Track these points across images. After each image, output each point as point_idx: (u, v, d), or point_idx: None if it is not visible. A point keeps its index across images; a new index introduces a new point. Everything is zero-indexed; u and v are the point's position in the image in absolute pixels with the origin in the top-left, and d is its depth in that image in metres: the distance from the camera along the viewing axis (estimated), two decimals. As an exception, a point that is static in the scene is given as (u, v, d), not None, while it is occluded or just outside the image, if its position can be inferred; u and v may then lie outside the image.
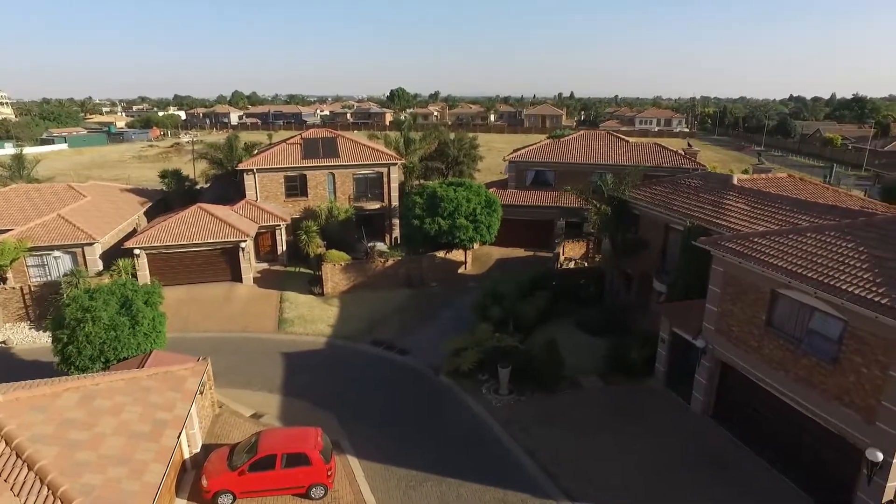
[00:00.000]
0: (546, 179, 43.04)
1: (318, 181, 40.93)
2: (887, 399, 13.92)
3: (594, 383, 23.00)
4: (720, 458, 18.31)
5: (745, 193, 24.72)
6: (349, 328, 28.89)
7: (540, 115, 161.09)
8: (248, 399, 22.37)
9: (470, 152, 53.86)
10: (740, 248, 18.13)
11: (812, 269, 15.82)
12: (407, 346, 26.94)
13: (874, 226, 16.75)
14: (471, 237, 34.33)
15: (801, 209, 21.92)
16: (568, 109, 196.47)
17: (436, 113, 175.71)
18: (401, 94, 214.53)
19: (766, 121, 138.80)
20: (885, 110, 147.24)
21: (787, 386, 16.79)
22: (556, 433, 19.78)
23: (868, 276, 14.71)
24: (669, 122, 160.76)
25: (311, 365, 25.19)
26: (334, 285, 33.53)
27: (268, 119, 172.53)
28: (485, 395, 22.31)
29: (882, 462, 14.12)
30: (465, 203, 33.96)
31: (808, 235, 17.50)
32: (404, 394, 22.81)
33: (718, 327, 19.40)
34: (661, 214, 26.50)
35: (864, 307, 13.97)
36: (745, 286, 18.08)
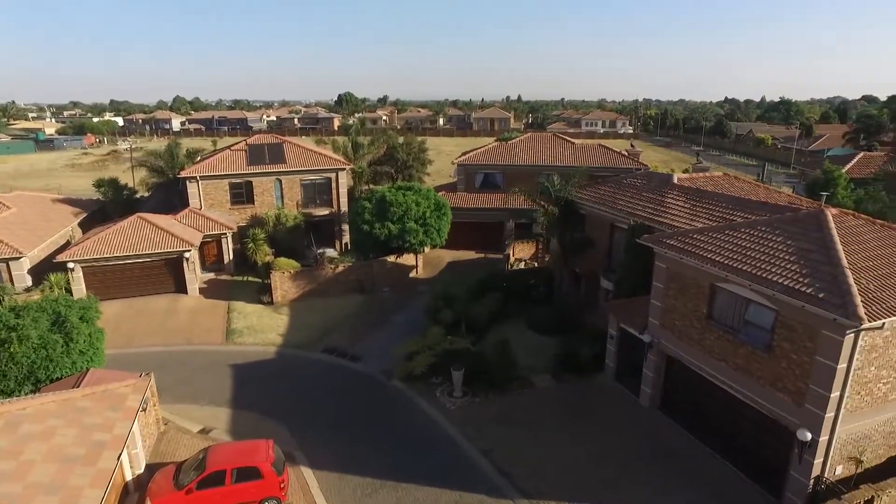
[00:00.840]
0: (495, 182, 43.48)
1: (264, 188, 40.07)
2: (814, 382, 14.76)
3: (546, 382, 23.36)
4: (669, 448, 18.91)
5: (685, 192, 25.68)
6: (300, 336, 28.36)
7: (488, 119, 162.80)
8: (195, 414, 21.61)
9: (419, 156, 53.93)
10: (681, 245, 18.80)
11: (746, 262, 16.58)
12: (359, 352, 26.66)
13: (799, 220, 17.71)
14: (421, 241, 34.32)
15: (735, 206, 22.93)
16: (516, 112, 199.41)
17: (385, 117, 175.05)
18: (349, 99, 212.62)
19: (704, 122, 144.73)
20: (808, 112, 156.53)
21: (727, 375, 17.52)
22: (510, 432, 19.98)
23: (795, 267, 15.55)
24: (614, 123, 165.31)
25: (261, 376, 24.58)
26: (284, 293, 32.86)
27: (212, 125, 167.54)
28: (439, 398, 22.31)
29: (810, 441, 14.95)
30: (415, 207, 33.94)
31: (742, 231, 18.34)
32: (357, 401, 22.55)
33: (663, 322, 20.06)
34: (606, 214, 27.19)
35: (792, 297, 14.76)
36: (687, 281, 18.76)
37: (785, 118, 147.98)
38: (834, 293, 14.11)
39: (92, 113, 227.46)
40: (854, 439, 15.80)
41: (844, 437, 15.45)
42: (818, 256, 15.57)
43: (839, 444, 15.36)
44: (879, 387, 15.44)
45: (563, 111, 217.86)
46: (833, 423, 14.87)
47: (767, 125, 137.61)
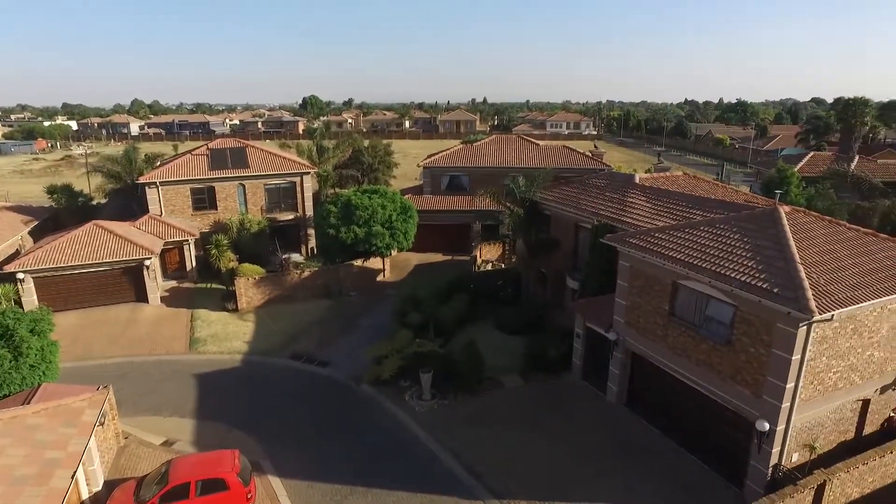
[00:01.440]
0: (461, 184, 43.65)
1: (227, 193, 39.33)
2: (771, 374, 15.24)
3: (515, 381, 23.51)
4: (635, 443, 19.25)
5: (647, 191, 26.22)
6: (266, 343, 27.89)
7: (454, 121, 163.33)
8: (158, 426, 21.02)
9: (385, 159, 53.72)
10: (643, 244, 19.18)
11: (706, 260, 17.02)
12: (327, 357, 26.37)
13: (755, 218, 18.28)
14: (388, 244, 34.18)
15: (695, 205, 23.53)
16: (482, 115, 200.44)
17: (350, 120, 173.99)
18: (314, 102, 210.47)
19: (665, 123, 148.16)
20: (763, 114, 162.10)
21: (689, 370, 17.93)
22: (480, 433, 20.03)
23: (751, 263, 16.03)
24: (578, 125, 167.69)
25: (226, 384, 24.08)
26: (249, 300, 32.28)
27: (172, 129, 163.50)
28: (408, 401, 22.23)
29: (768, 431, 15.44)
30: (381, 210, 33.79)
31: (701, 229, 18.81)
32: (326, 406, 22.29)
33: (628, 319, 20.41)
34: (570, 214, 27.54)
35: (749, 292, 15.21)
36: (650, 279, 19.14)
37: (742, 119, 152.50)
38: (788, 288, 14.60)
39: (43, 116, 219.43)
40: (808, 427, 16.37)
41: (799, 426, 15.99)
42: (773, 253, 16.09)
43: (795, 432, 15.90)
44: (830, 376, 16.04)
45: (529, 113, 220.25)
46: (789, 412, 15.38)
47: (725, 126, 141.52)
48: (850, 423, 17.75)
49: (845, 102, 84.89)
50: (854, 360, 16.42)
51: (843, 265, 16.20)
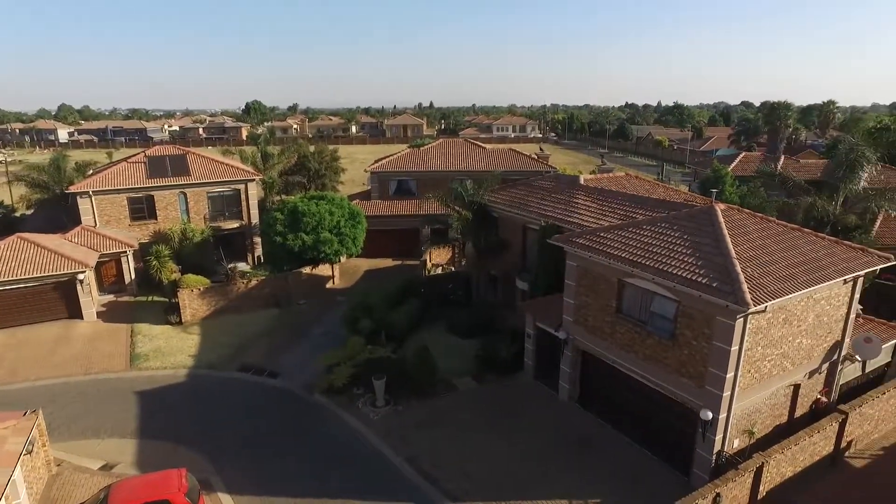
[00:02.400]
0: (409, 188, 43.58)
1: (167, 202, 37.87)
2: (712, 365, 15.89)
3: (468, 384, 23.61)
4: (587, 439, 19.67)
5: (592, 192, 26.90)
6: (213, 356, 26.96)
7: (401, 126, 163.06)
8: (96, 450, 19.93)
9: (332, 165, 53.16)
10: (589, 244, 19.63)
11: (649, 257, 17.58)
12: (277, 368, 25.74)
13: (693, 216, 19.04)
14: (337, 251, 33.75)
15: (638, 204, 24.31)
16: (428, 119, 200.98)
17: (295, 126, 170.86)
18: (257, 108, 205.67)
19: (607, 126, 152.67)
20: (698, 116, 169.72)
21: (637, 365, 18.46)
22: (435, 437, 19.99)
23: (692, 260, 16.68)
24: (524, 128, 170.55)
25: (171, 401, 23.12)
26: (194, 312, 31.15)
27: (106, 135, 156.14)
28: (361, 408, 21.96)
29: (711, 419, 16.09)
30: (329, 216, 33.34)
31: (644, 228, 19.43)
32: (277, 418, 21.73)
33: (577, 318, 20.84)
34: (518, 216, 27.93)
35: (690, 287, 15.81)
36: (596, 278, 19.61)
37: (679, 121, 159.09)
38: (725, 282, 15.27)
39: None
40: (747, 414, 17.18)
41: (739, 413, 16.74)
42: (711, 249, 16.79)
43: (735, 419, 16.63)
44: (765, 364, 16.88)
45: (475, 117, 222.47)
46: (730, 401, 16.07)
47: (664, 128, 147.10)
48: (783, 407, 18.74)
49: (771, 106, 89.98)
50: (786, 348, 17.35)
51: (774, 259, 17.07)
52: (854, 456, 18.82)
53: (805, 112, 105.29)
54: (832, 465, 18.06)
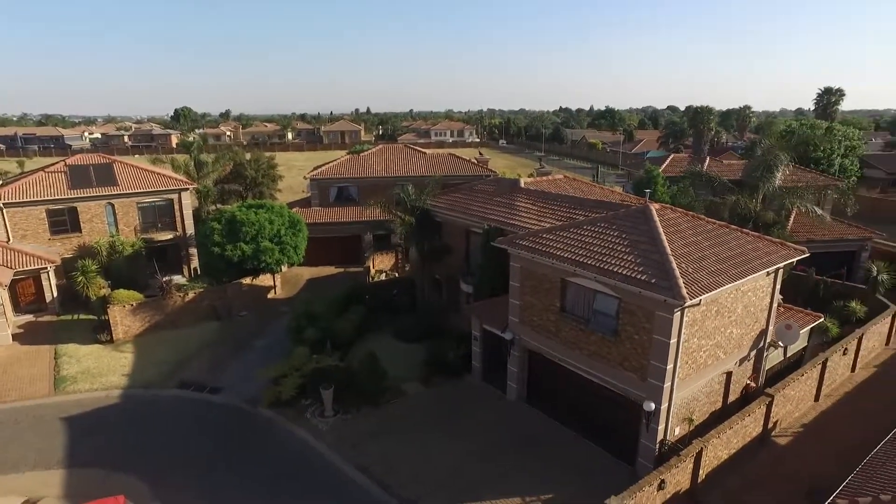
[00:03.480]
0: (350, 195, 43.18)
1: (93, 213, 35.81)
2: (653, 358, 16.59)
3: (417, 389, 23.58)
4: (537, 437, 20.05)
5: (532, 195, 27.49)
6: (149, 374, 25.68)
7: (339, 132, 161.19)
8: (15, 484, 18.32)
9: (269, 172, 51.87)
10: (532, 245, 20.07)
11: (590, 257, 18.16)
12: (220, 383, 24.82)
13: (630, 216, 19.82)
14: (278, 260, 32.96)
15: (576, 206, 25.03)
16: (366, 124, 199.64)
17: (228, 133, 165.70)
18: (187, 114, 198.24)
19: (543, 130, 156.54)
20: (629, 120, 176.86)
21: (582, 361, 19.01)
22: (386, 444, 19.86)
23: (630, 258, 17.37)
24: (462, 133, 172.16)
25: (103, 424, 21.83)
26: (126, 329, 29.58)
27: (15, 143, 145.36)
28: (310, 420, 21.52)
29: (654, 410, 16.79)
30: (268, 225, 32.54)
31: (584, 228, 20.05)
32: (222, 435, 20.96)
33: (522, 319, 21.23)
34: (461, 220, 28.19)
35: (630, 284, 16.45)
36: (540, 278, 20.06)
37: (611, 125, 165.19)
38: (663, 278, 15.98)
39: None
40: (686, 403, 18.04)
41: (679, 403, 17.56)
42: (648, 247, 17.53)
43: (676, 409, 17.43)
44: (701, 354, 17.80)
45: (413, 122, 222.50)
46: (671, 391, 16.83)
47: (597, 131, 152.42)
48: (717, 394, 19.80)
49: (695, 110, 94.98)
50: (719, 338, 18.35)
51: (705, 254, 18.02)
52: (779, 435, 20.13)
53: (725, 116, 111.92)
54: (761, 445, 19.24)
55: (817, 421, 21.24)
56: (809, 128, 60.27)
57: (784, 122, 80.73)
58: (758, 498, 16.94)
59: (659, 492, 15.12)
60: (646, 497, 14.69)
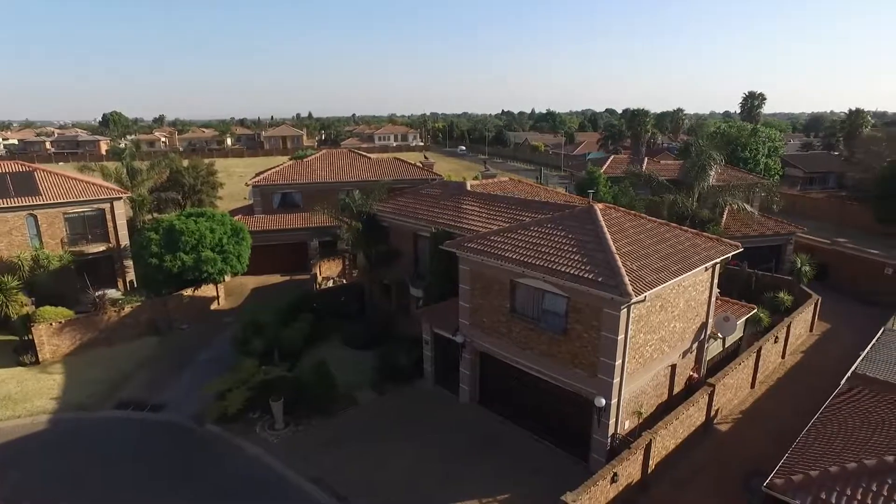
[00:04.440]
0: (294, 201, 42.32)
1: (11, 226, 33.43)
2: (602, 355, 16.98)
3: (369, 396, 23.28)
4: (491, 438, 20.13)
5: (478, 197, 27.68)
6: (83, 396, 24.16)
7: (280, 137, 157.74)
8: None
9: (208, 179, 50.27)
10: (480, 247, 20.18)
11: (538, 257, 18.40)
12: (161, 400, 23.68)
13: (575, 216, 20.25)
14: (220, 269, 31.87)
15: (523, 207, 25.38)
16: (308, 129, 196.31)
17: (163, 139, 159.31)
18: (117, 119, 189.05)
19: (486, 133, 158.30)
20: (569, 122, 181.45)
21: (534, 361, 19.23)
22: (339, 454, 19.47)
23: (577, 257, 17.72)
24: (406, 137, 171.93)
25: (28, 454, 20.25)
26: (54, 349, 27.81)
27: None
28: (260, 433, 20.85)
29: (605, 406, 17.18)
30: (210, 234, 31.42)
31: (531, 229, 20.32)
32: (165, 456, 19.95)
33: (473, 321, 21.30)
34: (408, 224, 28.06)
35: (578, 283, 16.78)
36: (489, 280, 20.19)
37: (552, 127, 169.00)
38: (609, 276, 16.38)
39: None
40: (635, 396, 18.55)
41: (628, 397, 18.03)
42: (594, 246, 17.94)
43: (625, 403, 17.89)
44: (647, 349, 18.36)
45: (356, 127, 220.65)
46: (620, 386, 17.26)
47: (539, 134, 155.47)
48: (664, 386, 20.49)
49: (632, 113, 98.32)
50: (664, 333, 18.99)
51: (648, 252, 18.62)
52: (721, 422, 21.05)
53: (660, 118, 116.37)
54: (705, 433, 20.05)
55: (754, 406, 22.35)
56: (737, 129, 63.49)
57: (714, 124, 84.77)
58: (703, 482, 17.66)
59: (612, 485, 15.47)
60: (600, 491, 14.99)
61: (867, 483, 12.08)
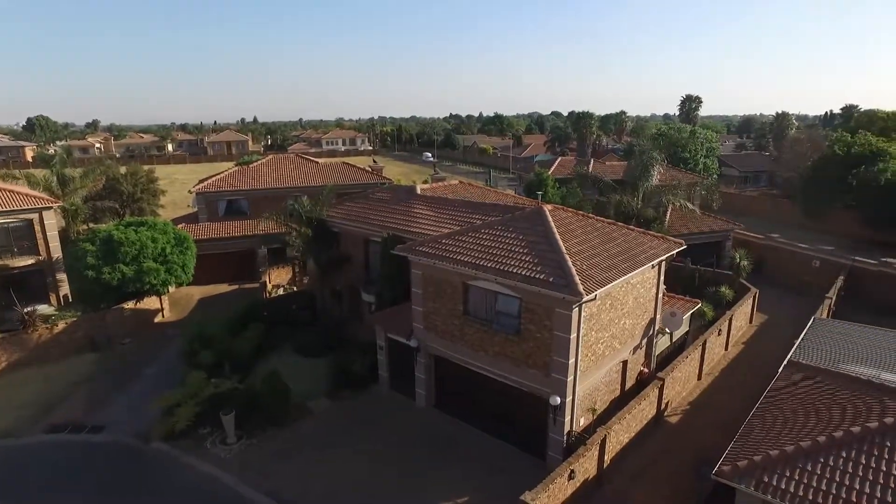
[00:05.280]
0: (240, 208, 41.22)
1: (-78, 239, 31.13)
2: (555, 354, 17.24)
3: (324, 404, 22.85)
4: (448, 441, 20.10)
5: (428, 201, 27.64)
6: (9, 421, 22.45)
7: (224, 142, 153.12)
8: None
9: (148, 187, 48.38)
10: (432, 251, 20.14)
11: (490, 259, 18.52)
12: (102, 420, 22.43)
13: (525, 218, 20.50)
14: (164, 280, 30.63)
15: (473, 210, 25.47)
16: (254, 134, 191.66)
17: (98, 145, 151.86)
18: (44, 124, 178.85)
19: (435, 136, 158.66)
20: (516, 125, 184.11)
21: (488, 363, 19.33)
22: (296, 465, 19.02)
23: (528, 258, 17.93)
24: (354, 141, 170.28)
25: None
26: (-21, 370, 26.00)
27: None
28: (211, 449, 20.11)
29: (560, 404, 17.43)
30: (152, 244, 30.17)
31: (482, 231, 20.44)
32: (106, 481, 18.89)
33: (426, 325, 21.22)
34: (358, 229, 27.71)
35: (530, 284, 16.98)
36: (442, 283, 20.17)
37: (500, 130, 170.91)
38: (560, 276, 16.65)
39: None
40: (588, 394, 18.93)
41: (582, 394, 18.37)
42: (544, 247, 18.20)
43: (579, 400, 18.22)
44: (599, 347, 18.77)
45: (303, 131, 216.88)
46: (574, 384, 17.56)
47: (488, 137, 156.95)
48: (616, 382, 21.00)
49: (577, 115, 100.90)
50: (614, 330, 19.46)
51: (597, 251, 19.05)
52: (671, 414, 21.75)
53: (604, 120, 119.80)
54: (657, 425, 20.66)
55: (701, 397, 23.20)
56: (677, 131, 66.01)
57: (655, 126, 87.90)
58: (657, 473, 18.19)
59: (570, 482, 15.69)
60: (558, 488, 15.18)
61: (803, 464, 12.78)
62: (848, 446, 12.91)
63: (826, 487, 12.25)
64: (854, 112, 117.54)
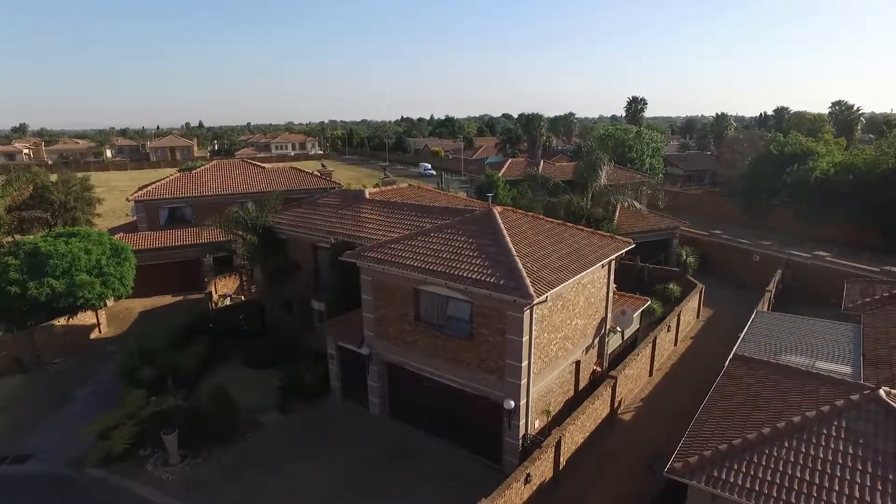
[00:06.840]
0: (183, 216, 39.66)
1: None
2: (508, 357, 17.11)
3: (274, 418, 22.05)
4: (404, 449, 19.70)
5: (378, 205, 27.16)
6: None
7: (168, 148, 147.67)
8: None
9: (83, 195, 45.90)
10: (381, 256, 19.70)
11: (440, 263, 18.23)
12: (28, 448, 20.80)
13: (475, 220, 20.31)
14: (100, 294, 28.96)
15: (423, 213, 25.15)
16: (199, 139, 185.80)
17: (26, 151, 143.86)
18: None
19: (386, 140, 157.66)
20: (467, 128, 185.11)
21: (441, 368, 19.02)
22: (246, 483, 18.21)
23: (479, 261, 17.73)
24: (304, 145, 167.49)
25: None
26: None
27: None
28: (152, 472, 19.01)
29: (514, 407, 17.30)
30: (85, 256, 28.51)
31: (432, 235, 20.13)
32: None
33: (378, 332, 20.75)
34: (306, 235, 26.96)
35: (480, 288, 16.77)
36: (392, 289, 19.75)
37: (451, 133, 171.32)
38: (510, 279, 16.51)
39: None
40: (542, 396, 18.86)
41: (536, 397, 18.29)
42: (494, 249, 18.04)
43: (534, 403, 18.13)
44: (552, 348, 18.74)
45: (251, 136, 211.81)
46: (527, 387, 17.45)
47: (439, 140, 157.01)
48: (569, 383, 21.04)
49: (527, 117, 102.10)
50: (566, 331, 19.49)
51: (547, 252, 19.03)
52: (624, 412, 22.00)
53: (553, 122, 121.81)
54: (610, 424, 20.82)
55: (653, 394, 23.58)
56: (624, 132, 67.57)
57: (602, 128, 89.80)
58: (612, 472, 18.29)
59: (526, 485, 15.55)
60: (514, 493, 15.00)
61: (750, 456, 13.04)
62: (790, 436, 13.24)
63: (771, 478, 12.50)
64: (785, 114, 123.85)
